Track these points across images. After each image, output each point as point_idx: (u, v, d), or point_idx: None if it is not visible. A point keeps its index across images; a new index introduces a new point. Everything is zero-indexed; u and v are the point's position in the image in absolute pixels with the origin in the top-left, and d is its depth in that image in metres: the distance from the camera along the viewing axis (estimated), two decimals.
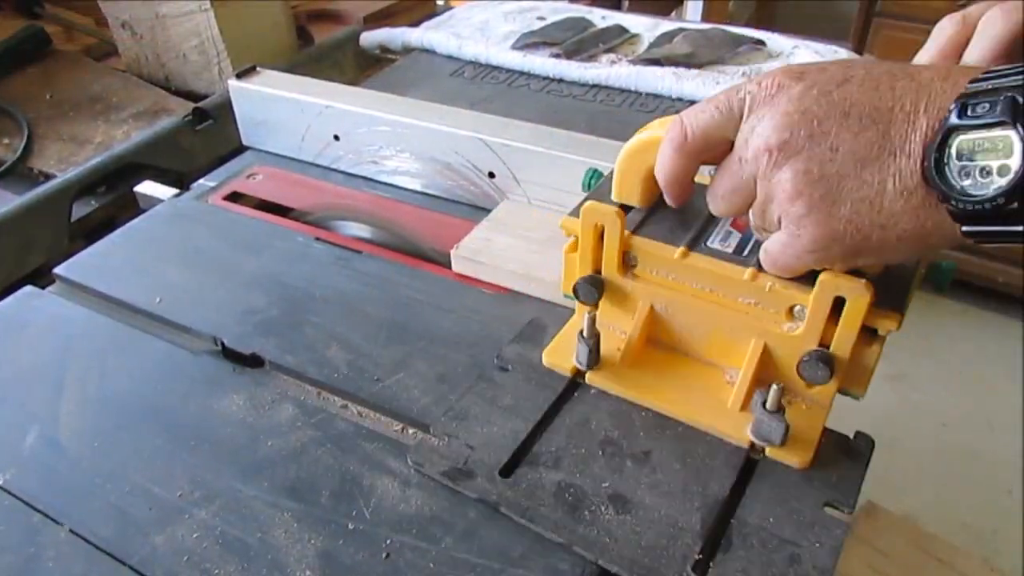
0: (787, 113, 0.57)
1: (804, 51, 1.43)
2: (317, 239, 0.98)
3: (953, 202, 0.52)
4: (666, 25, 1.54)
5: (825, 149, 0.56)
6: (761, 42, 1.47)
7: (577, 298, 0.75)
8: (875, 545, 2.15)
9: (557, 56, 1.40)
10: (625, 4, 2.71)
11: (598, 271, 0.75)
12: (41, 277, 0.97)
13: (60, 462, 0.71)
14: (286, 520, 0.65)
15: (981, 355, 2.82)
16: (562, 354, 0.77)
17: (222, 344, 0.82)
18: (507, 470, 0.68)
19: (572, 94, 1.32)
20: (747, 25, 1.57)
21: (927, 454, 2.47)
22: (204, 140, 1.27)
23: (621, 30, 1.51)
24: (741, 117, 0.61)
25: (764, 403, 0.67)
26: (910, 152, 0.54)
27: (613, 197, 0.73)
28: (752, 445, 0.69)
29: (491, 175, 1.02)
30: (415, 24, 1.56)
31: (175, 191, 1.10)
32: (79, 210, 1.11)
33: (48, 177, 1.15)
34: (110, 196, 1.15)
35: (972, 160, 0.51)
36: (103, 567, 0.63)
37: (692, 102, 1.28)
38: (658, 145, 0.66)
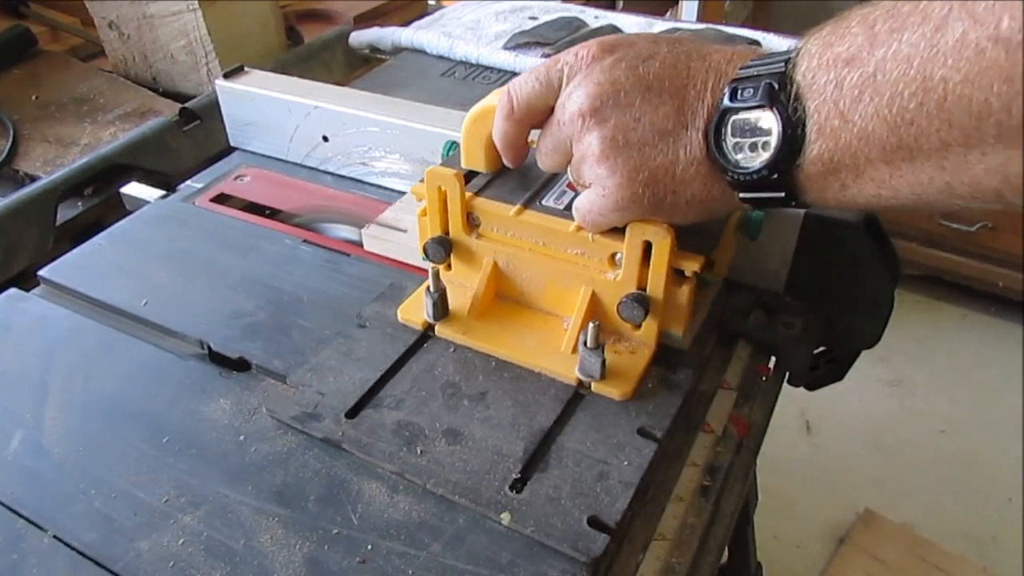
0: (599, 83, 0.65)
1: None
2: (305, 241, 0.99)
3: (729, 174, 0.62)
4: (660, 25, 1.54)
5: (630, 119, 0.64)
6: (756, 42, 1.47)
7: (427, 258, 0.84)
8: (873, 553, 2.16)
9: (549, 56, 1.40)
10: (619, 4, 2.72)
11: (447, 232, 0.82)
12: (26, 280, 0.98)
13: (44, 467, 0.71)
14: (272, 526, 0.65)
15: (981, 360, 2.83)
16: (415, 310, 0.84)
17: (208, 348, 0.83)
18: (352, 412, 0.74)
19: None
20: (743, 25, 1.57)
21: (926, 460, 2.48)
22: (191, 141, 1.27)
23: (614, 30, 1.51)
24: (560, 86, 0.69)
25: (586, 342, 0.74)
26: (698, 127, 0.63)
27: (462, 164, 0.81)
28: (580, 382, 0.76)
29: None
30: (405, 24, 1.56)
31: (162, 193, 1.10)
32: (64, 212, 1.12)
33: (33, 179, 1.15)
34: (96, 198, 1.15)
35: (744, 137, 0.60)
36: (87, 573, 0.63)
37: None
38: (492, 113, 0.74)
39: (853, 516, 2.26)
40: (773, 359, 0.85)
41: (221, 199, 1.10)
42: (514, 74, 1.39)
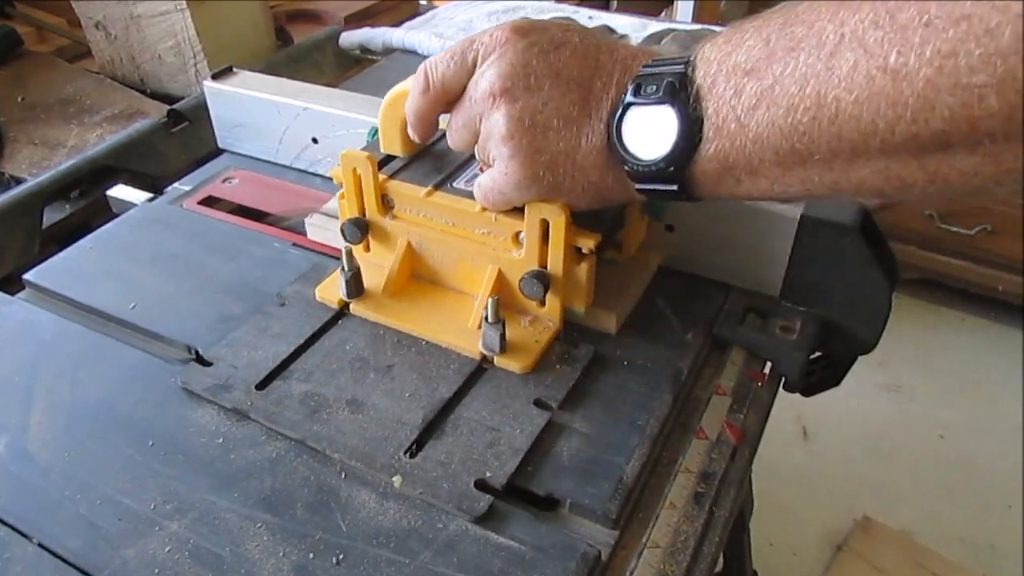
0: (511, 64, 0.69)
1: None
2: (294, 245, 0.99)
3: (628, 164, 0.66)
4: (655, 26, 1.55)
5: (537, 102, 0.68)
6: None
7: (345, 239, 0.88)
8: (871, 560, 2.16)
9: None
10: (613, 4, 2.72)
11: (363, 213, 0.87)
12: (11, 284, 0.98)
13: (29, 473, 0.71)
14: (260, 533, 0.65)
15: (980, 365, 2.84)
16: (332, 289, 0.88)
17: (196, 353, 0.83)
18: (263, 384, 0.79)
19: None
20: (720, 24, 1.57)
21: (924, 466, 2.48)
22: (179, 143, 1.27)
23: (608, 31, 1.51)
24: (475, 66, 0.72)
25: (487, 317, 0.79)
26: (602, 117, 0.67)
27: (381, 148, 0.86)
28: (484, 357, 0.81)
29: None
30: (397, 24, 1.56)
31: (149, 195, 1.10)
32: (51, 215, 1.12)
33: (19, 181, 1.15)
34: (83, 201, 1.15)
35: (644, 131, 0.64)
36: None
37: None
38: (407, 98, 0.79)
39: (851, 523, 2.26)
40: (768, 364, 0.86)
41: (209, 202, 1.10)
42: None
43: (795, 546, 2.27)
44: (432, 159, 0.87)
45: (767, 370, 0.85)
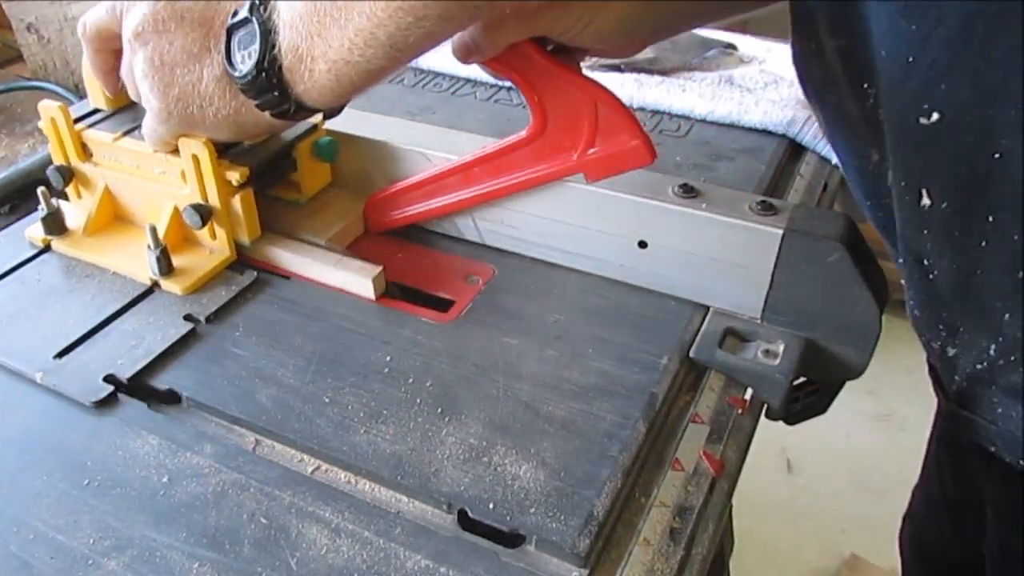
0: (143, 12, 0.82)
1: (777, 55, 1.46)
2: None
3: (238, 83, 0.78)
4: None
5: (165, 43, 0.82)
6: (732, 46, 1.49)
7: (47, 185, 0.99)
8: None
9: None
10: None
11: (67, 161, 1.01)
12: None
13: None
14: (205, 572, 0.65)
15: None
16: (39, 229, 1.01)
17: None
18: None
19: (522, 103, 1.32)
20: (718, 28, 1.59)
21: None
22: None
23: None
24: (122, 15, 0.85)
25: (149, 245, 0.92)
26: (220, 50, 0.80)
27: (90, 103, 1.01)
28: (154, 282, 0.94)
29: None
30: None
31: None
32: None
33: None
34: (14, 216, 1.14)
35: (244, 49, 0.77)
36: None
37: (655, 112, 1.30)
38: None
39: (838, 561, 2.27)
40: (749, 390, 0.86)
41: None
42: (469, 81, 1.40)
43: None
44: (134, 111, 0.99)
45: (748, 396, 0.85)
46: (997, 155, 0.60)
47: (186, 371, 0.83)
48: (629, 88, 1.32)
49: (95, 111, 1.01)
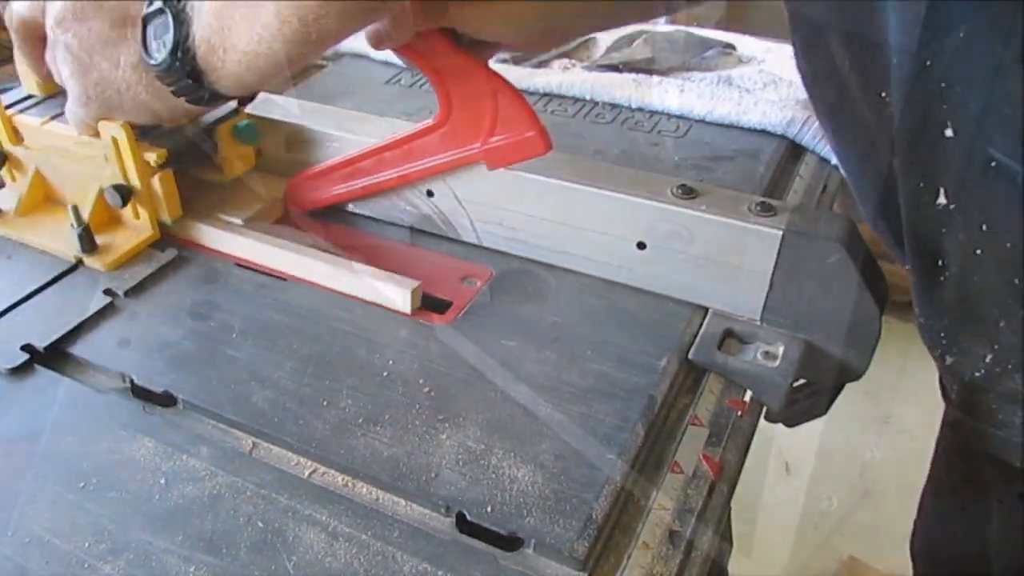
0: (63, 2, 0.85)
1: (777, 55, 1.46)
2: (237, 264, 0.99)
3: (153, 70, 0.81)
4: (629, 28, 1.55)
5: (84, 29, 0.85)
6: (731, 46, 1.49)
7: None
8: None
9: (504, 62, 1.41)
10: None
11: (2, 145, 1.04)
12: None
13: None
14: None
15: None
16: None
17: (131, 381, 0.83)
18: None
19: None
20: (716, 27, 1.59)
21: (915, 504, 2.48)
22: None
23: None
24: (45, 4, 0.88)
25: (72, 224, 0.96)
26: (137, 38, 0.82)
27: (24, 90, 1.06)
28: (79, 259, 0.97)
29: (429, 193, 1.02)
30: None
31: None
32: None
33: None
34: None
35: (159, 37, 0.79)
36: None
37: (653, 113, 1.30)
38: None
39: (836, 565, 2.27)
40: (748, 392, 0.86)
41: None
42: None
43: None
44: (64, 97, 0.97)
45: (747, 398, 0.85)
46: (993, 164, 0.60)
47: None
48: (628, 89, 1.32)
49: (28, 97, 1.05)
